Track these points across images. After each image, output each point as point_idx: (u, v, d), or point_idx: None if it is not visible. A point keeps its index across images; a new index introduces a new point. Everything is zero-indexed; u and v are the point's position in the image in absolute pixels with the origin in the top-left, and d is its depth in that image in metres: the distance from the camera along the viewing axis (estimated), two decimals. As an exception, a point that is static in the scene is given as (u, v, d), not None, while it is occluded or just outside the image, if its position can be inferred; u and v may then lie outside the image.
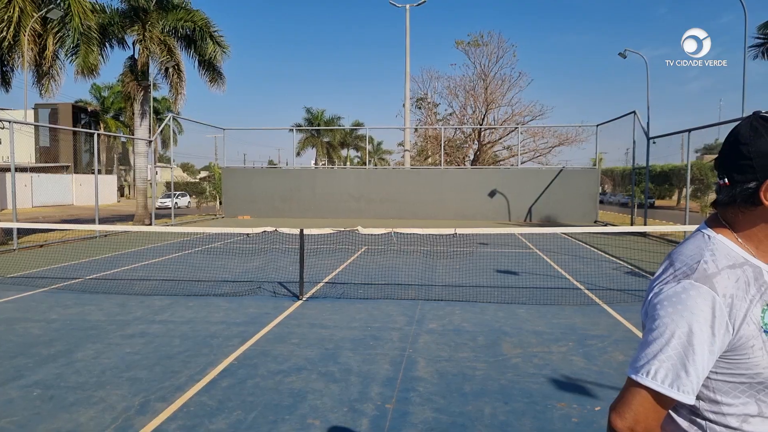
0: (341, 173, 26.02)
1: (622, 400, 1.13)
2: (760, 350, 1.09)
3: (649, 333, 1.12)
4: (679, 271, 1.13)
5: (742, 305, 1.09)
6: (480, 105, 32.88)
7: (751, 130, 1.12)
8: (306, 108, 49.85)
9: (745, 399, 1.11)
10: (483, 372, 4.80)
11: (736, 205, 1.15)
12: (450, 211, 22.66)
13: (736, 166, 1.13)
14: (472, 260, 11.13)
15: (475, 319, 6.55)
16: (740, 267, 1.12)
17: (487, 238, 15.41)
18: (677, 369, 1.07)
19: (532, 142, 31.73)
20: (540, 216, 22.66)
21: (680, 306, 1.08)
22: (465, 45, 32.83)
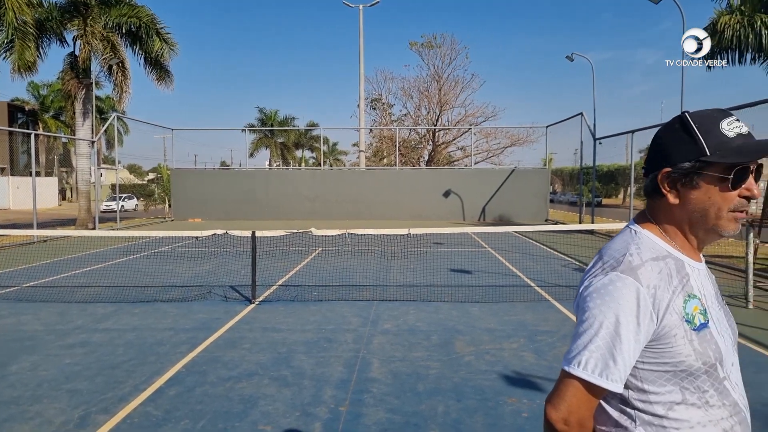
0: (296, 174, 25.75)
1: (556, 391, 1.15)
2: (682, 339, 1.12)
3: (580, 325, 1.15)
4: (607, 264, 1.17)
5: (665, 296, 1.12)
6: (434, 106, 33.21)
7: (666, 126, 1.20)
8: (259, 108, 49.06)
9: (670, 387, 1.14)
10: (436, 371, 4.82)
11: (648, 195, 1.23)
12: (405, 212, 22.77)
13: (649, 159, 1.22)
14: (427, 260, 11.19)
15: (429, 319, 6.58)
16: (663, 259, 1.17)
17: (441, 237, 15.55)
18: (606, 358, 1.10)
19: (485, 143, 32.27)
20: (493, 215, 23.05)
21: (607, 297, 1.12)
22: (419, 46, 33.10)
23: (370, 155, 36.14)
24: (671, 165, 1.16)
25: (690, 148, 1.14)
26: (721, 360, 1.16)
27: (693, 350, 1.13)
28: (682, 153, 1.15)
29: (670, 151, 1.16)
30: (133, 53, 20.58)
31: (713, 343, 1.15)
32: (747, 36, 12.33)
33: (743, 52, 13.04)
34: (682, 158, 1.14)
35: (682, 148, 1.15)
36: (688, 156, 1.14)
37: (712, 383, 1.15)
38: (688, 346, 1.12)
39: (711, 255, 12.46)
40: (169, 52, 20.72)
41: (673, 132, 1.17)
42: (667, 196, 1.18)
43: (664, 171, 1.17)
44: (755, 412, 3.92)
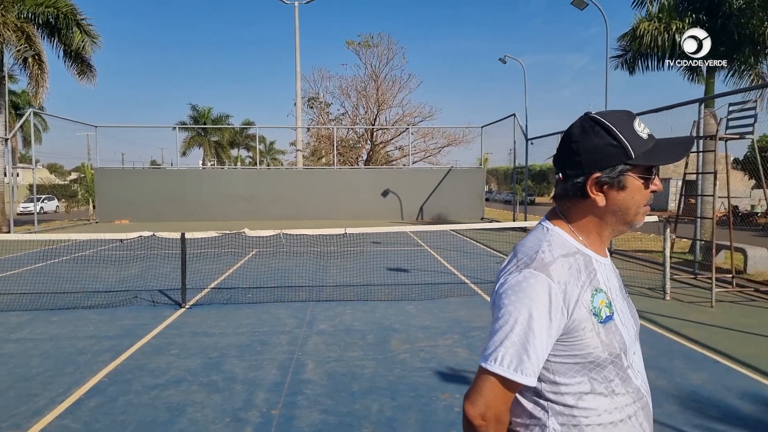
0: (231, 174, 25.10)
1: (473, 388, 1.17)
2: (590, 332, 1.17)
3: (496, 322, 1.17)
4: (521, 261, 1.20)
5: (574, 291, 1.16)
6: (372, 105, 33.29)
7: (581, 129, 1.20)
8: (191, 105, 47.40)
9: (580, 378, 1.19)
10: (372, 370, 4.81)
11: (568, 198, 1.24)
12: (344, 211, 22.69)
13: (568, 162, 1.22)
14: (365, 259, 11.19)
15: (366, 318, 6.57)
16: (573, 256, 1.20)
17: (379, 236, 15.60)
18: (520, 354, 1.13)
19: (422, 143, 32.67)
20: (431, 214, 23.37)
21: (521, 294, 1.14)
22: (356, 45, 33.08)
23: (307, 155, 35.79)
24: (601, 170, 1.18)
25: (617, 152, 1.17)
26: (625, 350, 1.21)
27: (600, 342, 1.17)
28: (611, 157, 1.17)
29: (598, 156, 1.17)
30: (51, 45, 19.37)
31: (618, 334, 1.20)
32: (664, 41, 13.08)
33: (661, 57, 13.83)
34: (612, 163, 1.17)
35: (610, 152, 1.17)
36: (616, 160, 1.17)
37: (617, 372, 1.20)
38: (596, 339, 1.17)
39: (633, 250, 13.16)
40: (91, 45, 19.63)
41: (596, 136, 1.17)
42: (595, 199, 1.20)
43: (594, 176, 1.19)
44: (670, 396, 4.17)
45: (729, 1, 12.44)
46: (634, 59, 14.45)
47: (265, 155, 58.69)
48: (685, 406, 4.00)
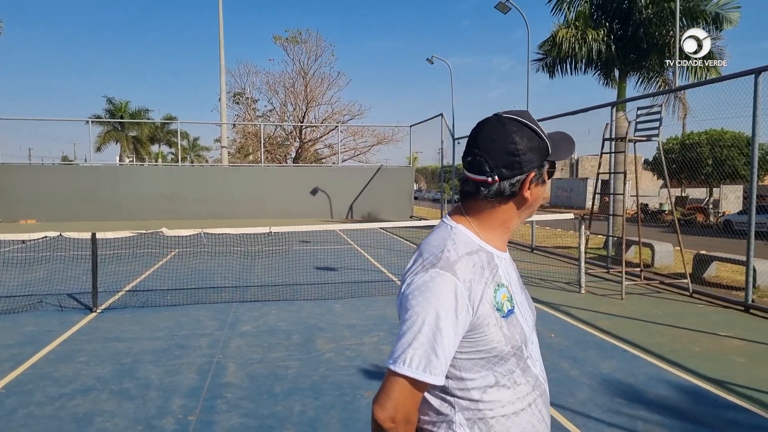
0: (151, 171, 23.96)
1: (383, 391, 1.16)
2: (494, 327, 1.19)
3: (404, 323, 1.16)
4: (427, 261, 1.20)
5: (478, 288, 1.18)
6: (300, 102, 32.88)
7: (514, 131, 1.22)
8: (107, 98, 44.66)
9: (485, 372, 1.21)
10: (295, 370, 4.72)
11: (497, 198, 1.24)
12: (272, 210, 22.24)
13: (506, 164, 1.21)
14: (292, 258, 11.01)
15: (291, 318, 6.45)
16: (476, 253, 1.22)
17: (308, 235, 15.42)
18: (429, 354, 1.13)
19: (352, 141, 32.63)
20: (361, 213, 23.38)
21: (428, 294, 1.14)
22: (283, 41, 32.51)
23: (233, 152, 34.81)
24: (535, 168, 1.23)
25: (543, 149, 1.23)
26: (526, 342, 1.25)
27: (503, 336, 1.20)
28: (540, 155, 1.23)
29: (534, 155, 1.22)
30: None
31: (519, 327, 1.24)
32: (581, 48, 13.75)
33: (578, 63, 14.53)
34: (541, 161, 1.23)
35: (540, 151, 1.23)
36: (543, 157, 1.24)
37: (518, 363, 1.24)
38: (499, 333, 1.20)
39: (553, 246, 13.76)
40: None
41: (529, 136, 1.21)
42: (527, 196, 1.24)
43: (531, 175, 1.23)
44: (583, 385, 4.36)
45: (638, 11, 13.25)
46: (553, 64, 15.09)
47: (188, 152, 56.55)
48: (596, 393, 4.20)
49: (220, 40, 24.85)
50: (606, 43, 13.60)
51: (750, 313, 6.83)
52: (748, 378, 4.53)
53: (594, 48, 13.69)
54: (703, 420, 3.77)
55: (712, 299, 7.63)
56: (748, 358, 5.07)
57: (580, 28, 13.82)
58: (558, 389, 4.28)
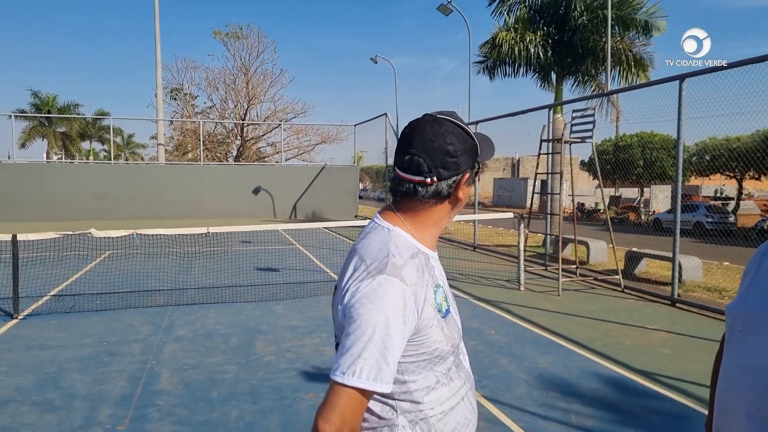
0: (81, 169, 22.79)
1: (328, 404, 1.11)
2: (436, 328, 1.20)
3: (352, 333, 1.12)
4: (372, 267, 1.16)
5: (422, 291, 1.18)
6: (242, 100, 32.11)
7: (450, 131, 1.21)
8: (32, 92, 42.10)
9: (426, 373, 1.22)
10: (233, 374, 4.58)
11: (435, 198, 1.23)
12: (212, 209, 21.61)
13: (444, 164, 1.21)
14: (232, 259, 10.74)
15: (230, 321, 6.27)
16: (417, 256, 1.21)
17: (249, 235, 15.08)
18: (380, 363, 1.11)
19: (295, 140, 32.19)
20: (305, 212, 23.11)
21: (378, 301, 1.12)
22: (223, 36, 31.67)
23: (171, 149, 33.65)
24: (471, 168, 1.25)
25: (474, 150, 1.25)
26: (461, 338, 1.30)
27: (444, 336, 1.22)
28: (473, 156, 1.25)
29: (469, 156, 1.24)
30: None
31: (455, 324, 1.28)
32: (520, 51, 14.13)
33: (517, 65, 14.92)
34: (473, 161, 1.25)
35: (472, 151, 1.24)
36: (474, 158, 1.26)
37: (454, 360, 1.27)
38: (440, 333, 1.21)
39: (494, 245, 14.06)
40: None
41: (463, 137, 1.23)
42: (461, 196, 1.25)
43: (466, 175, 1.24)
44: (521, 380, 4.44)
45: (574, 18, 13.74)
46: (494, 66, 15.43)
47: (122, 149, 54.22)
48: (533, 388, 4.30)
49: (156, 32, 23.92)
50: (543, 47, 14.02)
51: (676, 307, 7.20)
52: (673, 369, 4.76)
53: (532, 51, 14.09)
54: (631, 410, 3.93)
55: (641, 294, 7.99)
56: (674, 350, 5.34)
57: (519, 32, 14.19)
58: (497, 385, 4.35)
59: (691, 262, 8.83)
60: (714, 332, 5.95)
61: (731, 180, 25.56)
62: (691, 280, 8.66)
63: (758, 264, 1.34)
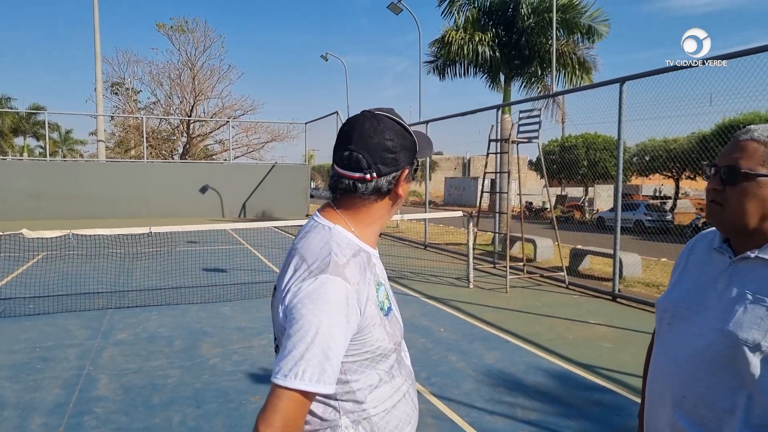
0: (14, 166, 21.61)
1: (270, 408, 1.07)
2: (379, 326, 1.19)
3: (294, 334, 1.09)
4: (314, 266, 1.14)
5: (365, 289, 1.17)
6: (188, 95, 31.21)
7: (389, 127, 1.21)
8: (-42, 84, 39.66)
9: (369, 372, 1.21)
10: (176, 378, 4.43)
11: (374, 195, 1.22)
12: (157, 209, 20.92)
13: (384, 161, 1.20)
14: (177, 260, 10.42)
15: (174, 323, 6.07)
16: (358, 254, 1.20)
17: (196, 235, 14.68)
18: (323, 364, 1.09)
19: (244, 137, 31.59)
20: (255, 211, 22.71)
21: (320, 301, 1.10)
22: (168, 29, 30.69)
23: (112, 146, 32.38)
24: (410, 164, 1.24)
25: (413, 147, 1.25)
26: (402, 335, 1.29)
27: (387, 334, 1.21)
28: (411, 152, 1.24)
29: (408, 152, 1.23)
30: None
31: (397, 322, 1.27)
32: (469, 51, 14.33)
33: (467, 66, 15.14)
34: (412, 157, 1.25)
35: (410, 147, 1.24)
36: (413, 155, 1.25)
37: (396, 357, 1.26)
38: (383, 331, 1.20)
39: (445, 243, 14.22)
40: None
41: (402, 134, 1.22)
42: (400, 192, 1.25)
43: (405, 172, 1.24)
44: (468, 377, 4.49)
45: (521, 20, 14.05)
46: (444, 66, 15.59)
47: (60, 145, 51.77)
48: (480, 384, 4.35)
49: (95, 22, 22.93)
50: (492, 47, 14.28)
51: (617, 302, 7.47)
52: (613, 361, 4.93)
53: (481, 51, 14.32)
54: (573, 403, 4.03)
55: (585, 290, 8.25)
56: (614, 343, 5.53)
57: (468, 32, 14.39)
58: (445, 382, 4.39)
59: (631, 259, 9.19)
60: (652, 325, 6.19)
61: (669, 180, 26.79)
62: (631, 275, 9.01)
63: (686, 259, 1.40)
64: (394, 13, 15.82)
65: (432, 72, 16.31)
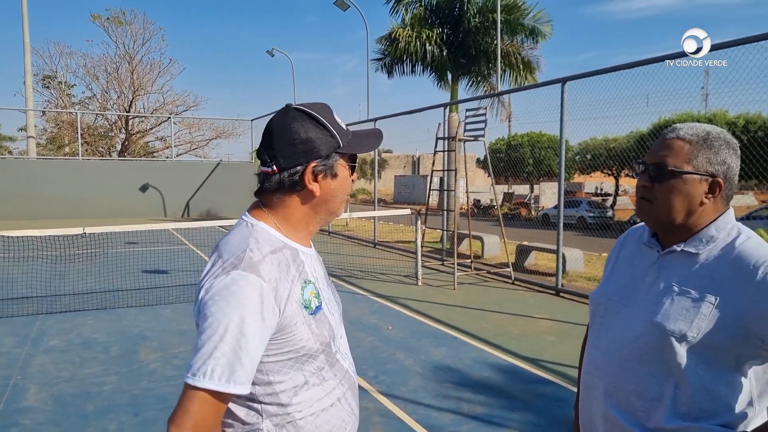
0: (-64, 164, 20.18)
1: (180, 408, 1.05)
2: (302, 325, 1.15)
3: (204, 332, 1.07)
4: (228, 262, 1.11)
5: (285, 287, 1.13)
6: (126, 90, 30.02)
7: (293, 120, 1.19)
8: None
9: (293, 373, 1.17)
10: (112, 386, 4.22)
11: (281, 190, 1.20)
12: (94, 208, 19.97)
13: (284, 154, 1.18)
14: (115, 262, 9.98)
15: (110, 328, 5.80)
16: (281, 251, 1.17)
17: (135, 236, 14.12)
18: (233, 363, 1.05)
19: (188, 134, 30.70)
20: (199, 210, 22.09)
21: (231, 298, 1.07)
22: (104, 21, 29.40)
23: (44, 142, 30.74)
24: (317, 159, 1.19)
25: (329, 141, 1.20)
26: (334, 337, 1.24)
27: (312, 334, 1.17)
28: (325, 146, 1.19)
29: (313, 146, 1.18)
30: None
31: (327, 323, 1.22)
32: (417, 49, 14.40)
33: (415, 64, 15.22)
34: (325, 152, 1.19)
35: (323, 142, 1.19)
36: (329, 149, 1.20)
37: (327, 359, 1.22)
38: (308, 331, 1.16)
39: (394, 241, 14.26)
40: None
41: (309, 127, 1.19)
42: (312, 189, 1.20)
43: (312, 165, 1.18)
44: (416, 373, 4.48)
45: (467, 20, 14.24)
46: (392, 63, 15.63)
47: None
48: (427, 380, 4.36)
49: (23, 12, 21.67)
50: (439, 46, 14.41)
51: (560, 296, 7.68)
52: (557, 354, 5.05)
53: (428, 50, 14.44)
54: (517, 396, 4.10)
55: (530, 285, 8.44)
56: (557, 337, 5.67)
57: (416, 30, 14.47)
58: (393, 379, 4.37)
59: (574, 254, 9.47)
60: (592, 318, 6.40)
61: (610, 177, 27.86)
62: (574, 270, 9.29)
63: (617, 253, 1.44)
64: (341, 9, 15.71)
65: (380, 70, 16.34)
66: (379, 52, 16.26)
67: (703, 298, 1.16)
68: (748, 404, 1.16)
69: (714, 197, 1.22)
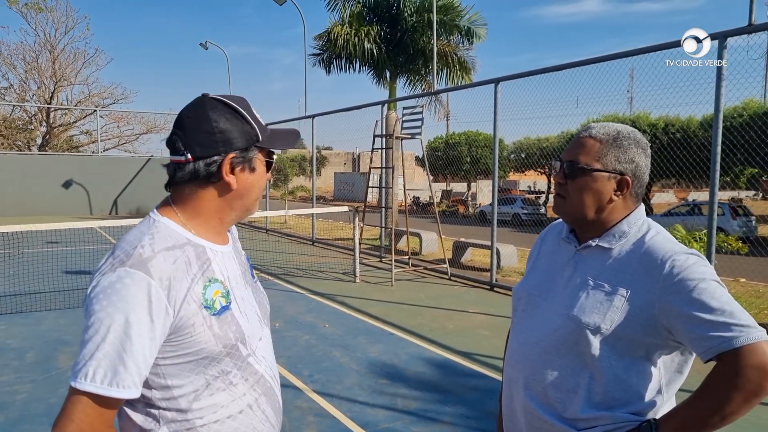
0: None
1: (63, 413, 0.99)
2: (201, 327, 1.09)
3: (87, 331, 1.01)
4: (117, 259, 1.05)
5: (182, 286, 1.07)
6: (47, 80, 28.24)
7: (211, 109, 1.13)
8: None
9: (194, 377, 1.11)
10: (27, 394, 3.96)
11: (194, 182, 1.14)
12: (11, 206, 18.68)
13: (201, 143, 1.12)
14: (33, 263, 9.35)
15: (27, 333, 5.44)
16: (181, 248, 1.11)
17: (57, 235, 13.31)
18: (116, 365, 0.99)
19: (116, 128, 29.26)
20: (128, 208, 21.12)
21: (115, 297, 1.01)
22: (21, 6, 27.53)
23: (-46, 135, 28.48)
24: (236, 150, 1.14)
25: (248, 134, 1.15)
26: (244, 339, 1.16)
27: (213, 335, 1.10)
28: (244, 138, 1.14)
29: (232, 136, 1.13)
30: None
31: (234, 324, 1.15)
32: (354, 46, 14.33)
33: (353, 61, 15.14)
34: (245, 144, 1.14)
35: (242, 133, 1.14)
36: (248, 141, 1.15)
37: (235, 363, 1.15)
38: (208, 332, 1.09)
39: (334, 238, 14.17)
40: None
41: (229, 117, 1.13)
42: (230, 182, 1.14)
43: (230, 156, 1.13)
44: (351, 371, 4.45)
45: (404, 19, 14.32)
46: (330, 59, 15.49)
47: None
48: (363, 377, 4.34)
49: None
50: (377, 44, 14.42)
51: (494, 291, 7.86)
52: (490, 348, 5.16)
53: (367, 48, 14.40)
54: (451, 390, 4.16)
55: (466, 281, 8.60)
56: (491, 330, 5.80)
57: (354, 27, 14.40)
58: (328, 378, 4.32)
59: (508, 250, 9.73)
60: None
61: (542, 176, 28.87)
62: (508, 265, 9.54)
63: (538, 249, 1.47)
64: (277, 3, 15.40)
65: (318, 65, 16.14)
66: (317, 47, 16.08)
67: (616, 291, 1.20)
68: (657, 392, 1.21)
69: (623, 194, 1.26)
